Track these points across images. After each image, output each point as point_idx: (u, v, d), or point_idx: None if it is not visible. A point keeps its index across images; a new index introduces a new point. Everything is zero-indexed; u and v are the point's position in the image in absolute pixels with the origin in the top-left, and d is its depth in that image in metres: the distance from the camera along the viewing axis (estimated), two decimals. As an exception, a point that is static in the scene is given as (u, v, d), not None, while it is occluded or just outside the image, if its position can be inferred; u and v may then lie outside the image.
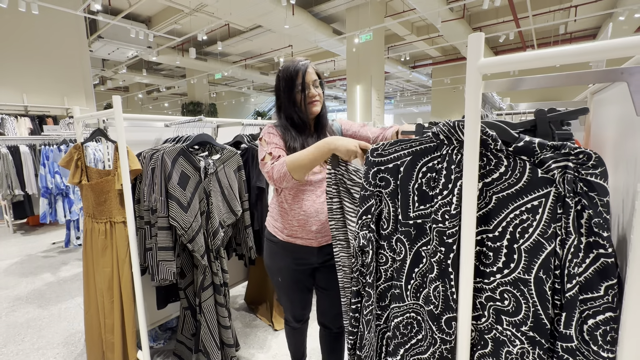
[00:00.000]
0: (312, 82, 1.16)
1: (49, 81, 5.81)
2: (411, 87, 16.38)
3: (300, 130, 1.18)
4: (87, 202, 1.59)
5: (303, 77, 1.14)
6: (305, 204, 1.16)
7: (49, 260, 3.48)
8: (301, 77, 1.14)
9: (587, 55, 0.55)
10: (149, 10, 8.06)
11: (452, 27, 7.40)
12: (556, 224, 0.66)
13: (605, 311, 0.63)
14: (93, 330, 1.63)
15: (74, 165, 1.55)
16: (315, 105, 1.17)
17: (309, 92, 1.15)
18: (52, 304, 2.54)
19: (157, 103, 18.28)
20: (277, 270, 1.27)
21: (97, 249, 1.57)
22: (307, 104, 1.16)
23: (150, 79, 12.59)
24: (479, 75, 0.62)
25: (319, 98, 1.17)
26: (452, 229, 0.68)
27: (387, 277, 0.79)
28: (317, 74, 1.18)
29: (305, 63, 1.16)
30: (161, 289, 1.67)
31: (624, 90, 0.73)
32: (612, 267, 0.63)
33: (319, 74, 1.20)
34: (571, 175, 0.64)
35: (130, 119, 1.64)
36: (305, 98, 1.15)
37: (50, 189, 3.48)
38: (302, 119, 1.17)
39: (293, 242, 1.21)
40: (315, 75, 1.17)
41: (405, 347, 0.77)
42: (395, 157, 0.77)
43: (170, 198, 1.43)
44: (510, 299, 0.70)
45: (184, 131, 1.75)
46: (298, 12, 6.89)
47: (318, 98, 1.17)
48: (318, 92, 1.17)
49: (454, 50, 10.54)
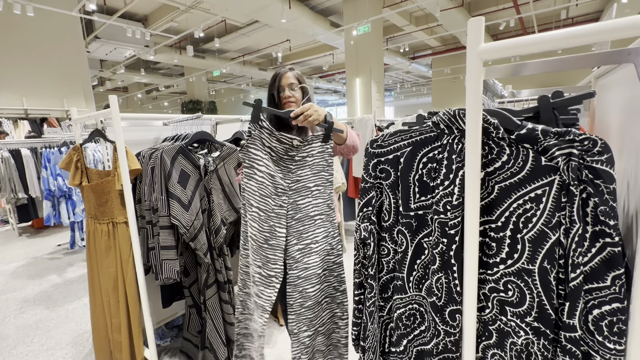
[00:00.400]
0: (287, 85, 1.28)
1: (48, 84, 5.80)
2: (411, 79, 16.23)
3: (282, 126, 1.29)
4: (89, 204, 1.59)
5: (279, 80, 1.28)
6: None
7: (55, 262, 3.51)
8: (277, 81, 1.29)
9: (591, 36, 0.53)
10: (144, 9, 8.00)
11: (452, 16, 7.29)
12: (560, 212, 0.65)
13: (612, 302, 0.62)
14: (100, 330, 1.65)
15: (73, 167, 1.55)
16: (290, 106, 1.28)
17: (283, 94, 1.29)
18: (59, 305, 2.56)
19: (157, 102, 18.26)
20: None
21: (101, 249, 1.57)
22: (282, 104, 1.30)
23: (148, 79, 12.56)
24: (480, 61, 0.60)
25: (294, 100, 1.29)
26: (454, 220, 0.67)
27: (389, 268, 0.79)
28: (299, 78, 1.30)
29: (285, 69, 1.31)
30: (166, 288, 1.68)
31: (630, 73, 0.71)
32: (619, 257, 0.62)
33: (300, 79, 1.31)
34: (576, 162, 0.62)
35: (128, 118, 1.63)
36: (280, 99, 1.29)
37: (53, 191, 3.50)
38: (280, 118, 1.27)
39: None
40: (292, 79, 1.29)
41: (409, 338, 0.76)
42: (394, 147, 0.75)
43: (170, 197, 1.42)
44: (514, 289, 0.69)
45: (182, 129, 1.74)
46: (294, 5, 6.81)
47: (293, 100, 1.29)
48: (292, 94, 1.29)
49: (453, 40, 10.40)
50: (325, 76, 14.14)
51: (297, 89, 1.30)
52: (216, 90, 15.52)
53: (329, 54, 10.91)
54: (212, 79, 14.11)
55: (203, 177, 1.54)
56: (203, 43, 9.98)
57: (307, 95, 1.32)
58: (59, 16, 5.57)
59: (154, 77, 12.71)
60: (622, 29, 0.50)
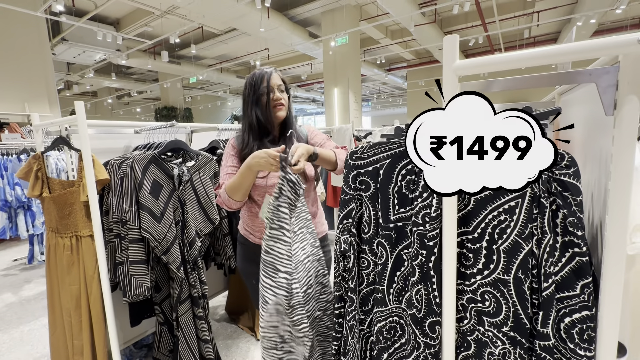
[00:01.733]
0: (276, 86, 1.18)
1: (8, 87, 5.43)
2: (387, 90, 16.70)
3: (263, 133, 1.18)
4: (50, 216, 1.48)
5: (268, 80, 1.16)
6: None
7: (10, 278, 3.23)
8: (266, 81, 1.16)
9: (556, 57, 0.56)
10: (117, 12, 7.74)
11: (425, 31, 7.61)
12: (532, 223, 0.67)
13: (581, 310, 0.64)
14: (60, 353, 1.52)
15: (33, 177, 1.44)
16: (280, 109, 1.19)
17: (273, 95, 1.17)
18: (13, 327, 2.35)
19: (129, 108, 17.57)
20: (251, 274, 1.24)
21: (62, 265, 1.46)
22: (272, 107, 1.17)
23: (120, 84, 12.09)
24: (455, 76, 0.62)
25: (284, 102, 1.19)
26: (432, 231, 0.68)
27: (370, 281, 0.78)
28: (283, 80, 1.21)
29: (270, 69, 1.19)
30: (134, 305, 1.58)
31: (590, 90, 0.76)
32: (587, 266, 0.64)
33: (284, 80, 1.22)
34: (545, 175, 0.65)
35: (95, 125, 1.54)
36: (269, 101, 1.16)
37: (10, 202, 3.24)
38: (265, 122, 1.17)
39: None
40: (280, 80, 1.19)
41: (389, 351, 0.75)
42: (374, 160, 0.76)
43: (141, 208, 1.35)
44: (491, 299, 0.70)
45: (155, 137, 1.67)
46: (273, 15, 6.84)
47: (283, 102, 1.19)
48: (282, 97, 1.19)
49: (427, 54, 10.84)
50: (304, 85, 14.23)
51: (283, 89, 1.21)
52: (192, 97, 15.19)
53: (308, 63, 11.02)
54: (187, 86, 13.81)
55: (177, 188, 1.48)
56: (179, 49, 9.77)
57: (289, 95, 1.23)
58: (22, 16, 5.27)
59: (125, 82, 12.25)
60: (583, 51, 0.54)
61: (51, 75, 6.03)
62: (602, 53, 0.54)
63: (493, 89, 0.75)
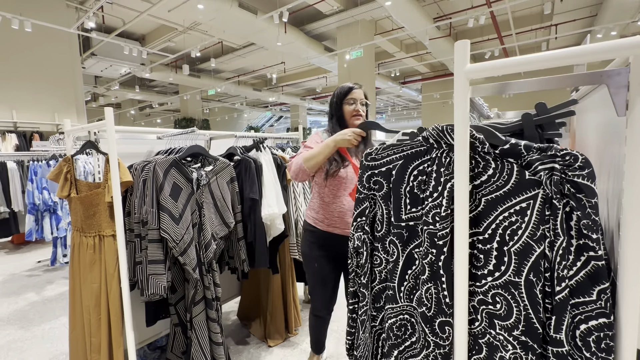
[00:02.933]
0: (359, 99, 1.41)
1: (40, 97, 5.78)
2: (402, 102, 16.72)
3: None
4: (76, 216, 1.55)
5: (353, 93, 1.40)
6: (345, 199, 1.38)
7: (34, 279, 3.36)
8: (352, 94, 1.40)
9: (566, 59, 0.57)
10: (143, 29, 8.17)
11: (440, 45, 7.65)
12: (545, 225, 0.67)
13: (598, 317, 0.62)
14: (78, 350, 1.57)
15: (63, 178, 1.52)
16: (358, 119, 1.40)
17: (355, 106, 1.40)
18: (35, 325, 2.43)
19: (150, 119, 18.25)
20: (315, 257, 1.46)
21: (85, 263, 1.52)
22: (351, 116, 1.40)
23: (143, 96, 12.62)
24: (466, 80, 0.64)
25: (362, 113, 1.41)
26: (442, 230, 0.69)
27: (382, 278, 0.79)
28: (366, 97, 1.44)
29: (357, 84, 1.43)
30: (151, 305, 1.62)
31: (604, 95, 0.76)
32: (603, 271, 0.62)
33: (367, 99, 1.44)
34: (558, 176, 0.65)
35: (122, 131, 1.63)
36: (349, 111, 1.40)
37: (37, 205, 3.40)
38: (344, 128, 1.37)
39: (332, 231, 1.41)
40: (363, 96, 1.42)
41: (399, 348, 0.76)
42: (387, 160, 0.78)
43: (161, 210, 1.41)
44: (502, 302, 0.70)
45: (176, 143, 1.74)
46: (290, 30, 7.06)
47: (362, 113, 1.41)
48: (362, 109, 1.41)
49: (442, 67, 10.86)
50: (319, 98, 14.46)
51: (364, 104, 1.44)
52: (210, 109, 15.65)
53: (323, 76, 11.22)
54: (206, 98, 14.27)
55: (195, 191, 1.53)
56: (199, 63, 10.16)
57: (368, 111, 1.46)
58: (56, 32, 5.64)
59: (148, 94, 12.79)
60: (594, 53, 0.55)
61: (80, 88, 6.39)
62: (612, 55, 0.55)
63: (506, 92, 0.77)
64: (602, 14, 6.33)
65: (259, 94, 12.74)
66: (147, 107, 15.59)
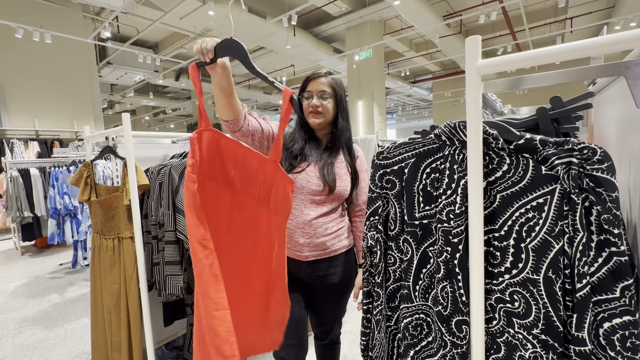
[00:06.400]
0: (317, 92, 1.08)
1: (60, 106, 6.01)
2: (412, 102, 16.56)
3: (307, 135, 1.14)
4: (96, 219, 1.61)
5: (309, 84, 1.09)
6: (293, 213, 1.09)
7: (56, 281, 3.48)
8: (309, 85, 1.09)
9: (580, 51, 0.56)
10: (156, 37, 8.38)
11: (450, 42, 7.55)
12: (563, 221, 0.65)
13: (622, 314, 0.60)
14: (100, 349, 1.61)
15: (83, 183, 1.58)
16: (313, 116, 1.08)
17: (310, 101, 1.08)
18: (58, 325, 2.52)
19: (163, 125, 18.67)
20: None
21: (105, 265, 1.57)
22: (308, 114, 1.09)
23: (156, 102, 12.93)
24: (478, 75, 0.64)
25: (321, 110, 1.07)
26: (457, 228, 0.68)
27: (396, 277, 0.79)
28: (334, 88, 1.09)
29: (320, 72, 1.10)
30: (168, 305, 1.66)
31: (622, 88, 0.74)
32: (627, 267, 0.61)
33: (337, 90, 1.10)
34: (576, 171, 0.64)
35: (138, 136, 1.68)
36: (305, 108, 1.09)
37: (58, 209, 3.53)
38: (306, 126, 1.13)
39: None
40: (326, 87, 1.08)
41: (415, 349, 0.75)
42: (399, 159, 0.78)
43: (177, 212, 1.44)
44: (520, 300, 0.69)
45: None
46: (299, 33, 7.11)
47: (321, 110, 1.07)
48: (321, 104, 1.07)
49: (453, 65, 10.71)
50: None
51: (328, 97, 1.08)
52: (221, 113, 15.84)
53: (332, 78, 11.21)
54: (218, 102, 14.45)
55: (209, 193, 1.56)
56: (210, 68, 10.31)
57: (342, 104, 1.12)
58: (74, 43, 5.85)
59: (161, 100, 13.10)
60: (608, 45, 0.54)
61: (97, 96, 6.61)
62: (628, 45, 0.54)
63: (520, 86, 0.75)
64: (620, 4, 6.13)
65: (270, 97, 12.86)
66: (160, 112, 15.96)
